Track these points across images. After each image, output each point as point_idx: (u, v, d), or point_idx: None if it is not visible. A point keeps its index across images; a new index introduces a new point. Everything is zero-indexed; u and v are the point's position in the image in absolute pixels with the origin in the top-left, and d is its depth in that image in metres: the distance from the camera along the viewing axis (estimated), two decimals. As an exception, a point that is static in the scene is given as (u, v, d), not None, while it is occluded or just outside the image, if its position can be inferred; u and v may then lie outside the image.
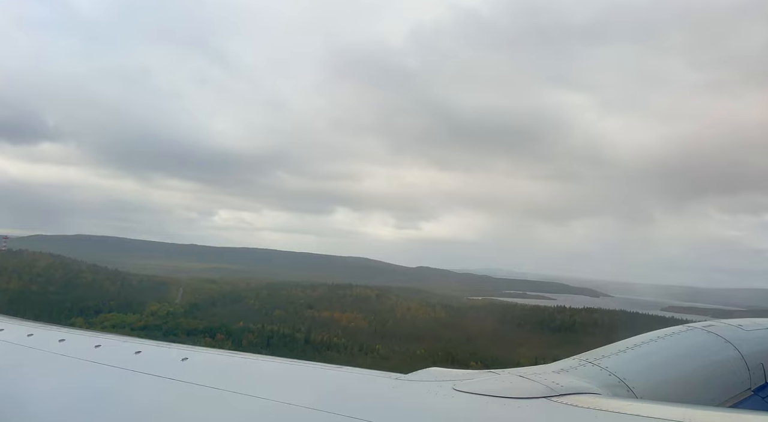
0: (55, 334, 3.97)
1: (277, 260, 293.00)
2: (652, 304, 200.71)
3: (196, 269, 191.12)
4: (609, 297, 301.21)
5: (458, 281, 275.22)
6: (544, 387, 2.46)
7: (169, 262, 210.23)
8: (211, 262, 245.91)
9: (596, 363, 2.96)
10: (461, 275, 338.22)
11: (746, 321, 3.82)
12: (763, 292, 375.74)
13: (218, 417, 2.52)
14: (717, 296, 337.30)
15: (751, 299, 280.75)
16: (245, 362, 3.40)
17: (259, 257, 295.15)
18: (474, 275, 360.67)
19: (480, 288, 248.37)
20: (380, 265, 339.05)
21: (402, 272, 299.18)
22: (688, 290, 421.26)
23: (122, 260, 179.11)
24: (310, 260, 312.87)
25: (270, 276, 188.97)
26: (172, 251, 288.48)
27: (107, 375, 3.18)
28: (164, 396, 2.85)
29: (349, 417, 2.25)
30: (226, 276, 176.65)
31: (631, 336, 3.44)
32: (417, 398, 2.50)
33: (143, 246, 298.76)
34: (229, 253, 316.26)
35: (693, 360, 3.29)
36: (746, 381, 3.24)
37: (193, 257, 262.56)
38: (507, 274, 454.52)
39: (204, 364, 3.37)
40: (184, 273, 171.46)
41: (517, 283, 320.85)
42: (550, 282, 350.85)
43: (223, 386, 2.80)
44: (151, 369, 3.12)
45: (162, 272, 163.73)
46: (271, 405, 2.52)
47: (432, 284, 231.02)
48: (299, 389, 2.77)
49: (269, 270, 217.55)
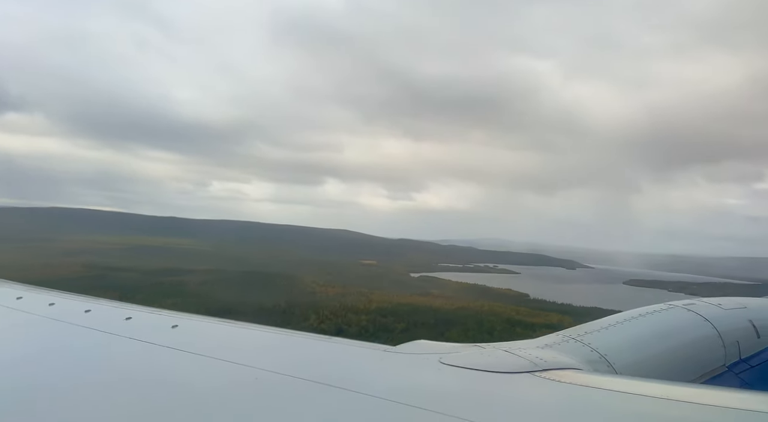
0: (45, 297, 3.97)
1: (254, 233, 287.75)
2: (621, 276, 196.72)
3: (125, 245, 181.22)
4: (588, 269, 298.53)
5: (431, 254, 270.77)
6: (528, 363, 2.52)
7: (117, 237, 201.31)
8: (179, 236, 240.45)
9: (579, 339, 3.04)
10: (442, 248, 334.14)
11: (725, 299, 3.92)
12: (744, 260, 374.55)
13: (208, 385, 2.51)
14: (699, 264, 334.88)
15: (731, 269, 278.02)
16: (235, 330, 3.43)
17: (234, 230, 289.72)
18: (456, 247, 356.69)
19: (447, 262, 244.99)
20: (360, 237, 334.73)
21: (379, 245, 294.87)
22: (673, 258, 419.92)
23: (58, 236, 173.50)
24: (289, 234, 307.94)
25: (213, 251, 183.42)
26: (141, 224, 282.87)
27: (98, 340, 3.16)
28: (154, 362, 2.82)
29: (338, 387, 2.28)
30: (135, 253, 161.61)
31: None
32: (404, 370, 2.55)
33: (111, 219, 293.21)
34: (204, 226, 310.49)
35: (672, 338, 3.39)
36: (722, 358, 3.35)
37: (161, 231, 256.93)
38: (494, 245, 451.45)
39: (194, 331, 3.35)
40: (103, 247, 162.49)
41: (498, 255, 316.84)
42: (532, 254, 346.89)
43: (212, 353, 2.81)
44: (141, 336, 3.10)
45: (83, 247, 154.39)
46: (261, 374, 2.51)
47: (398, 258, 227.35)
48: (289, 358, 2.80)
49: (222, 246, 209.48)
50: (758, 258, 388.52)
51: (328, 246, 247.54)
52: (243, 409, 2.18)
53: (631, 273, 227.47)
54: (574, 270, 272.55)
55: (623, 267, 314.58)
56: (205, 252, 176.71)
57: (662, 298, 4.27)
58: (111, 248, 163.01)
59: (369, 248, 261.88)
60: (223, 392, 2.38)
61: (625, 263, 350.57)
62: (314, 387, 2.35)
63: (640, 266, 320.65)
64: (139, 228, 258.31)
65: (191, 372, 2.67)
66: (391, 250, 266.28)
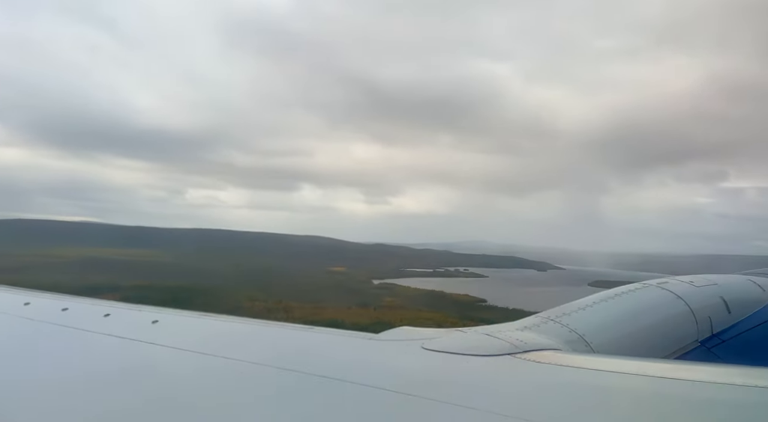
0: (20, 297, 3.91)
1: (225, 242, 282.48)
2: (588, 277, 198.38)
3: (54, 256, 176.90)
4: (560, 270, 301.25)
5: (403, 259, 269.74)
6: (508, 345, 2.55)
7: (76, 249, 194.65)
8: (146, 247, 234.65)
9: (558, 321, 3.10)
10: (417, 252, 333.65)
11: (697, 277, 4.01)
12: (710, 257, 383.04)
13: (191, 379, 2.48)
14: (666, 263, 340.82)
15: (696, 267, 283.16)
16: (216, 323, 3.40)
17: (204, 239, 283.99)
18: (431, 251, 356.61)
19: (418, 266, 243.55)
20: (334, 243, 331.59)
21: (353, 250, 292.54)
22: (643, 257, 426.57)
23: (12, 249, 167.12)
24: (261, 242, 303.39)
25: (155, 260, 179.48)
26: (108, 235, 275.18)
27: (76, 339, 3.11)
28: (135, 359, 2.78)
29: (321, 377, 2.29)
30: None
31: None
32: (386, 357, 2.56)
33: (77, 230, 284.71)
34: (173, 235, 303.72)
35: (647, 315, 3.46)
36: (694, 334, 3.45)
37: (128, 241, 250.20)
38: (471, 247, 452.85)
39: (174, 326, 3.32)
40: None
41: (473, 258, 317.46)
42: (506, 256, 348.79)
43: (194, 348, 2.78)
44: (121, 332, 3.06)
45: (28, 262, 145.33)
46: (244, 367, 2.48)
47: (368, 264, 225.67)
48: (272, 350, 2.77)
49: (184, 256, 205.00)
50: (723, 256, 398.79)
51: (301, 253, 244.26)
52: (227, 403, 2.14)
53: (598, 274, 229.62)
54: (545, 272, 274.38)
55: (594, 268, 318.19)
56: (161, 264, 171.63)
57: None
58: (58, 262, 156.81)
59: (341, 254, 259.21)
60: (207, 386, 2.35)
61: (596, 263, 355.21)
62: (298, 377, 2.32)
63: (611, 266, 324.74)
64: (104, 239, 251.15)
65: (173, 367, 2.61)
66: (364, 255, 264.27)
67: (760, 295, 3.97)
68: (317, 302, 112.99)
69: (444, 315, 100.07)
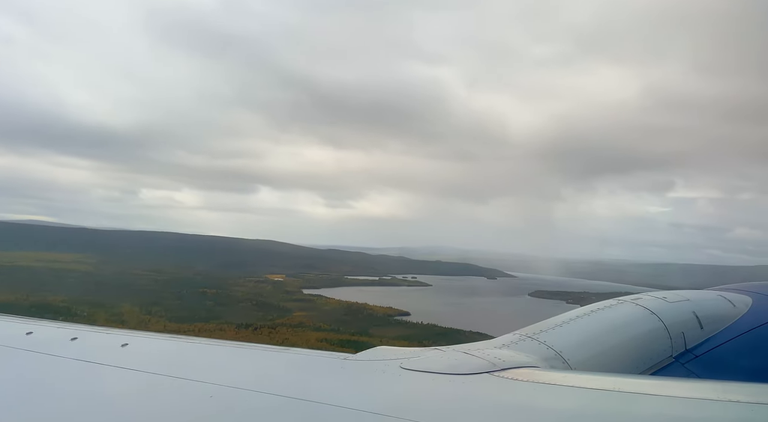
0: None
1: (163, 246, 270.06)
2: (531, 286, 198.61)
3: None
4: (509, 277, 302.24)
5: (353, 265, 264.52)
6: (486, 363, 2.56)
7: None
8: (76, 251, 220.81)
9: (535, 338, 3.14)
10: (371, 257, 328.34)
11: (669, 293, 4.12)
12: (659, 266, 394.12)
13: (162, 404, 2.41)
14: (616, 271, 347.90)
15: (644, 276, 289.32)
16: (188, 346, 3.35)
17: (141, 242, 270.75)
18: (387, 257, 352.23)
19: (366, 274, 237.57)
20: (286, 247, 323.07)
21: (304, 255, 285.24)
22: (595, 265, 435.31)
23: None
24: (208, 245, 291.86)
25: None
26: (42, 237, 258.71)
27: (42, 364, 2.98)
28: (105, 384, 2.69)
29: (298, 399, 2.25)
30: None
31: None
32: (364, 377, 2.53)
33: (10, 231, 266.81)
34: (109, 237, 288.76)
35: (622, 332, 3.52)
36: (668, 349, 3.51)
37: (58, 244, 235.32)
38: (428, 253, 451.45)
39: (145, 349, 3.22)
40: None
41: (427, 264, 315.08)
42: (460, 263, 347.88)
43: (166, 371, 2.69)
44: (89, 357, 2.97)
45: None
46: (218, 390, 2.40)
47: (314, 270, 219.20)
48: (246, 372, 2.72)
49: (101, 264, 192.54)
50: (670, 264, 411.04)
51: (246, 259, 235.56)
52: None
53: (545, 283, 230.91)
54: (494, 280, 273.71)
55: (545, 275, 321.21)
56: (68, 270, 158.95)
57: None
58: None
59: (290, 260, 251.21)
60: (180, 411, 2.29)
61: (550, 270, 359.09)
62: (274, 400, 2.27)
63: (562, 274, 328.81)
64: (36, 242, 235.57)
65: (143, 391, 2.55)
66: (313, 262, 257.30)
67: (731, 310, 4.04)
68: (203, 321, 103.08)
69: (331, 336, 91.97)
